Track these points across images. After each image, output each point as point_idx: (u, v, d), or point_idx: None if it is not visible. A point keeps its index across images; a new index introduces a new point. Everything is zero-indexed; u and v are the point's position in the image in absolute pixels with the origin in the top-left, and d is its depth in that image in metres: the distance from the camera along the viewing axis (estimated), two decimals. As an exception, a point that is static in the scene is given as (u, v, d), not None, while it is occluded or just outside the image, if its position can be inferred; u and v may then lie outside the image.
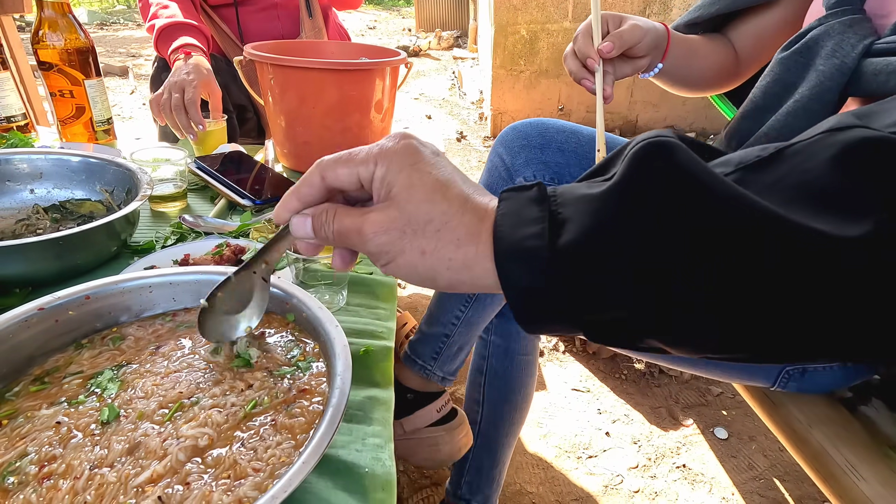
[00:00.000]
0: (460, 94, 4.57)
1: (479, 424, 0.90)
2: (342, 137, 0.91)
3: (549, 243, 0.25)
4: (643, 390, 1.46)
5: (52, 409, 0.37)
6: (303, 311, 0.45)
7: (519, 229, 0.26)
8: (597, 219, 0.24)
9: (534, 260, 0.25)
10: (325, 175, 0.30)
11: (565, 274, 0.24)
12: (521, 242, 0.26)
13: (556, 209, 0.26)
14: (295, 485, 0.29)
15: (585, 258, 0.24)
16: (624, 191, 0.24)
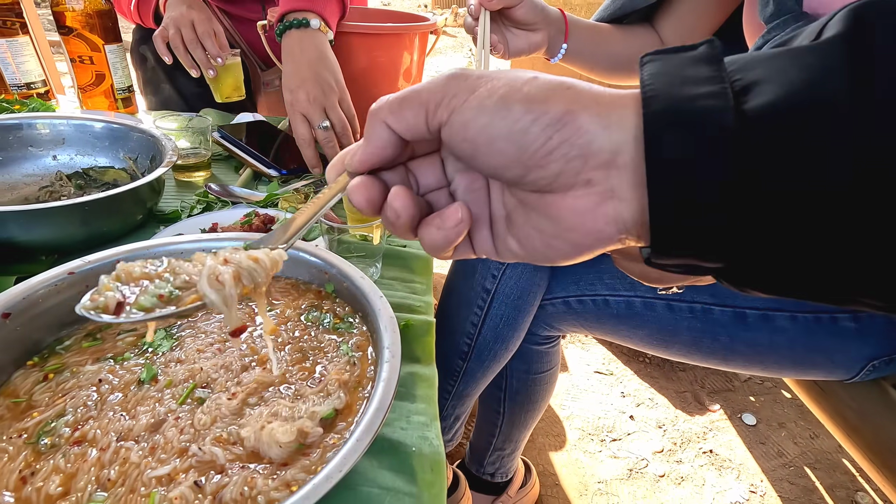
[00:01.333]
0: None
1: (500, 427, 0.89)
2: (368, 106, 0.88)
3: (734, 105, 0.18)
4: (667, 374, 1.43)
5: (97, 366, 0.36)
6: (343, 281, 0.42)
7: (683, 88, 0.19)
8: (813, 73, 0.18)
9: (709, 125, 0.18)
10: (389, 122, 0.24)
11: (759, 145, 0.18)
12: (690, 103, 0.19)
13: (736, 75, 0.19)
14: (350, 464, 0.27)
15: (792, 124, 0.18)
16: (851, 40, 0.18)
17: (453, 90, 0.22)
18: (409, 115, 0.23)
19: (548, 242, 0.24)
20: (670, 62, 0.21)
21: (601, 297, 0.71)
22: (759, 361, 0.69)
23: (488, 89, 0.22)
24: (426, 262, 0.61)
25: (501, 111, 0.21)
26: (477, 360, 0.75)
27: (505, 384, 0.85)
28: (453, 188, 0.27)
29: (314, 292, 0.44)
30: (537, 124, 0.21)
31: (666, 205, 0.19)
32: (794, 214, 0.18)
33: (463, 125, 0.22)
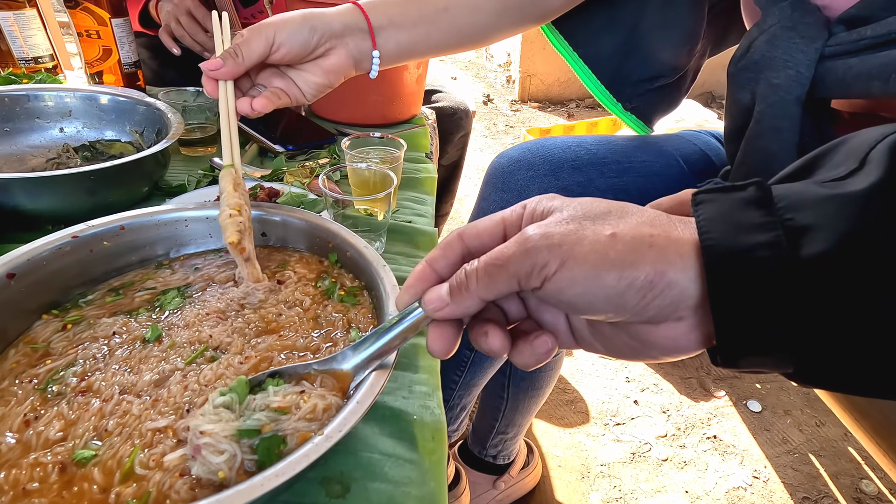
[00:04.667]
0: (487, 56, 4.42)
1: (503, 411, 0.89)
2: (377, 84, 0.87)
3: (788, 254, 0.21)
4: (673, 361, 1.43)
5: (112, 319, 0.37)
6: (347, 250, 0.42)
7: (739, 237, 0.21)
8: (858, 224, 0.20)
9: (765, 273, 0.21)
10: (483, 296, 0.25)
11: (812, 291, 0.20)
12: (747, 253, 0.21)
13: (786, 215, 0.21)
14: (350, 425, 0.27)
15: (843, 272, 0.20)
16: (892, 189, 0.20)
17: (541, 261, 0.23)
18: (501, 286, 0.25)
19: (636, 354, 0.26)
20: (723, 204, 0.23)
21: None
22: None
23: (575, 257, 0.23)
24: (431, 237, 0.61)
25: (596, 280, 0.23)
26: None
27: (509, 370, 0.85)
28: (524, 296, 0.28)
29: (317, 262, 0.44)
30: (632, 289, 0.23)
31: (734, 345, 0.22)
32: (849, 351, 0.21)
33: (559, 291, 0.23)
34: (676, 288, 0.23)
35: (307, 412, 0.28)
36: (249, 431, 0.27)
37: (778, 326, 0.21)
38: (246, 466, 0.26)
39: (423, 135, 0.88)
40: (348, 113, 0.91)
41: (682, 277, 0.22)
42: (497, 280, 0.24)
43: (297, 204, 0.59)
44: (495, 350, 0.26)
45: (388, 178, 0.55)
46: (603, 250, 0.23)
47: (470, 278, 0.25)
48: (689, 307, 0.23)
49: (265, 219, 0.45)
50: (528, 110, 3.33)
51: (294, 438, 0.27)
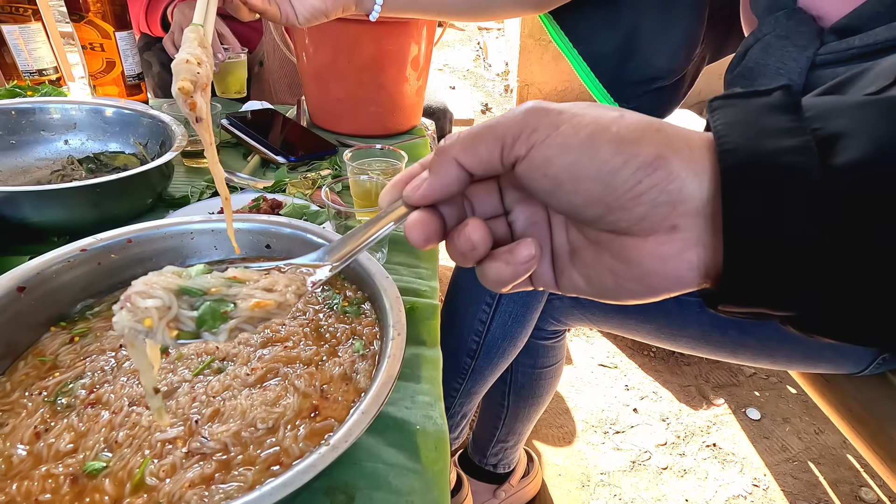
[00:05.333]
0: (485, 65, 4.46)
1: (504, 419, 0.89)
2: (377, 95, 0.88)
3: (819, 160, 0.18)
4: (672, 368, 1.43)
5: None
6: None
7: (762, 141, 0.19)
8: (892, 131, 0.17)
9: (794, 182, 0.18)
10: (460, 159, 0.23)
11: (848, 203, 0.17)
12: (771, 158, 0.18)
13: (815, 124, 0.19)
14: (356, 435, 0.28)
15: (885, 184, 0.17)
16: None
17: (533, 124, 0.21)
18: (482, 150, 0.22)
19: (621, 284, 0.23)
20: (745, 109, 0.20)
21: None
22: (768, 355, 0.69)
23: (573, 126, 0.21)
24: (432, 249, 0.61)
25: (589, 150, 0.20)
26: (485, 358, 0.75)
27: (510, 378, 0.85)
28: (512, 218, 0.26)
29: (321, 273, 0.45)
30: (628, 167, 0.20)
31: (746, 266, 0.19)
32: (881, 273, 0.18)
33: (545, 161, 0.21)
34: (677, 182, 0.20)
35: (266, 284, 0.25)
36: (193, 290, 0.24)
37: (804, 245, 0.18)
38: (181, 323, 0.23)
39: (423, 146, 0.89)
40: (349, 124, 0.92)
41: (687, 171, 0.20)
42: (479, 141, 0.22)
43: (299, 215, 0.60)
44: (475, 241, 0.23)
45: (390, 190, 0.55)
46: (606, 124, 0.21)
47: (451, 142, 0.23)
48: (687, 212, 0.20)
49: (270, 231, 0.45)
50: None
51: (247, 303, 0.24)
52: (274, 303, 0.24)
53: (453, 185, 0.23)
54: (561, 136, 0.21)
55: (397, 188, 0.26)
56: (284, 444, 0.30)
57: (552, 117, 0.21)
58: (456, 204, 0.25)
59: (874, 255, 0.17)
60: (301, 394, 0.32)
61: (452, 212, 0.25)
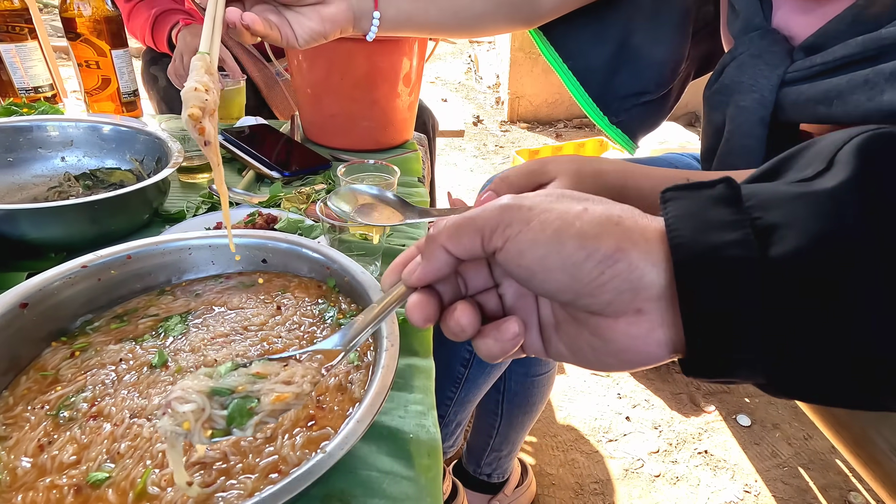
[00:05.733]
0: (476, 78, 4.51)
1: (498, 428, 0.90)
2: (370, 111, 0.90)
3: (759, 254, 0.20)
4: (663, 376, 1.45)
5: (119, 346, 0.39)
6: (345, 276, 0.44)
7: (708, 235, 0.21)
8: (829, 223, 0.20)
9: (736, 274, 0.20)
10: (447, 246, 0.25)
11: (785, 293, 0.19)
12: (716, 252, 0.20)
13: (755, 214, 0.21)
14: (351, 443, 0.29)
15: (815, 272, 0.19)
16: (862, 187, 0.20)
17: (507, 220, 0.24)
18: (465, 240, 0.25)
19: (599, 358, 0.25)
20: (692, 201, 0.22)
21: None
22: None
23: (541, 222, 0.23)
24: (424, 260, 0.63)
25: (556, 245, 0.22)
26: (479, 367, 0.76)
27: (504, 386, 0.86)
28: (502, 291, 0.28)
29: (315, 286, 0.46)
30: (590, 260, 0.22)
31: (703, 351, 0.21)
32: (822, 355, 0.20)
33: (518, 254, 0.23)
34: (637, 272, 0.22)
35: (285, 377, 0.28)
36: (222, 390, 0.27)
37: (750, 328, 0.20)
38: (214, 422, 0.26)
39: (415, 160, 0.91)
40: (342, 139, 0.93)
41: (644, 262, 0.22)
42: (463, 232, 0.24)
43: (294, 230, 0.61)
44: (463, 325, 0.26)
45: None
46: (570, 220, 0.23)
47: (438, 231, 0.25)
48: (649, 298, 0.22)
49: (266, 246, 0.47)
50: (518, 131, 3.39)
51: (268, 398, 0.27)
52: (292, 394, 0.27)
53: (444, 268, 0.26)
54: (531, 231, 0.23)
55: (396, 272, 0.28)
56: (282, 453, 0.31)
57: (524, 213, 0.24)
58: (450, 281, 0.28)
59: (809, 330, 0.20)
60: (298, 404, 0.34)
61: (447, 288, 0.28)
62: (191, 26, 1.08)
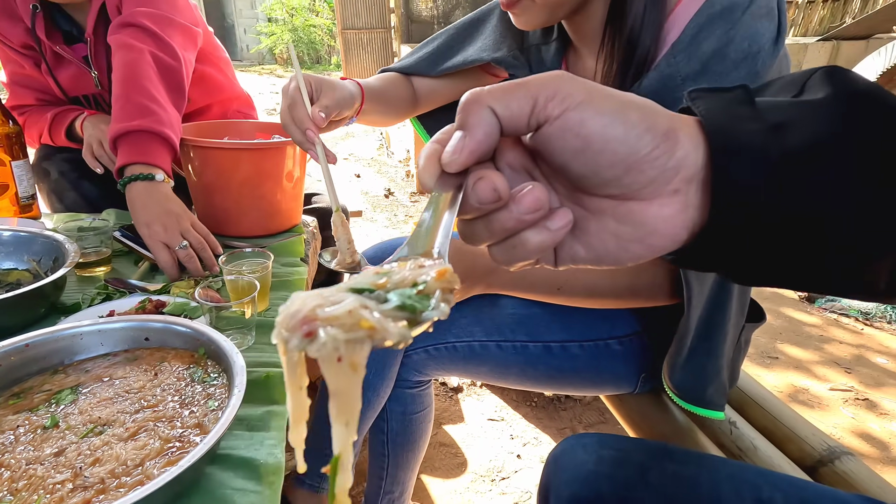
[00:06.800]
0: (388, 153, 4.84)
1: (387, 469, 1.02)
2: (258, 203, 1.05)
3: (777, 143, 0.23)
4: (551, 414, 1.63)
5: (16, 416, 0.48)
6: (211, 345, 0.57)
7: (737, 125, 0.24)
8: (820, 125, 0.23)
9: (760, 157, 0.23)
10: (495, 107, 0.24)
11: (793, 175, 0.23)
12: (746, 137, 0.23)
13: (766, 114, 0.24)
14: (198, 456, 0.42)
15: (815, 162, 0.23)
16: (839, 99, 0.24)
17: (567, 88, 0.23)
18: (514, 103, 0.24)
19: (624, 246, 0.26)
20: (718, 100, 0.25)
21: (451, 344, 0.90)
22: (569, 383, 0.90)
23: (602, 94, 0.24)
24: (293, 327, 0.77)
25: (621, 115, 0.23)
26: None
27: (387, 427, 0.99)
28: None
29: (189, 355, 0.59)
30: (650, 132, 0.24)
31: (724, 210, 0.24)
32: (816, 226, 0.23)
33: (579, 122, 0.23)
34: (682, 150, 0.24)
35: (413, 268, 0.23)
36: (361, 289, 0.22)
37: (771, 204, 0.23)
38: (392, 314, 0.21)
39: (298, 242, 1.07)
40: (234, 228, 1.07)
41: (689, 143, 0.24)
42: (513, 95, 0.23)
43: (180, 312, 0.73)
44: (498, 186, 0.24)
45: (253, 286, 0.71)
46: (628, 97, 0.24)
47: (481, 93, 0.24)
48: (686, 178, 0.24)
49: (145, 327, 0.59)
50: (426, 200, 3.67)
51: (429, 275, 0.22)
52: (450, 270, 0.23)
53: (492, 135, 0.24)
54: (595, 100, 0.24)
55: (433, 161, 0.26)
56: (148, 472, 0.42)
57: (582, 84, 0.24)
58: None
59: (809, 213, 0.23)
60: (163, 438, 0.46)
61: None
62: (96, 115, 1.18)
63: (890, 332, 2.08)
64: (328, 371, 0.20)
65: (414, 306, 0.21)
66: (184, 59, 1.06)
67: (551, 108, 0.24)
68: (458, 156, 0.24)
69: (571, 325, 0.86)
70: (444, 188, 0.26)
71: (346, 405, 0.21)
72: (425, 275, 0.22)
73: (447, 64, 0.94)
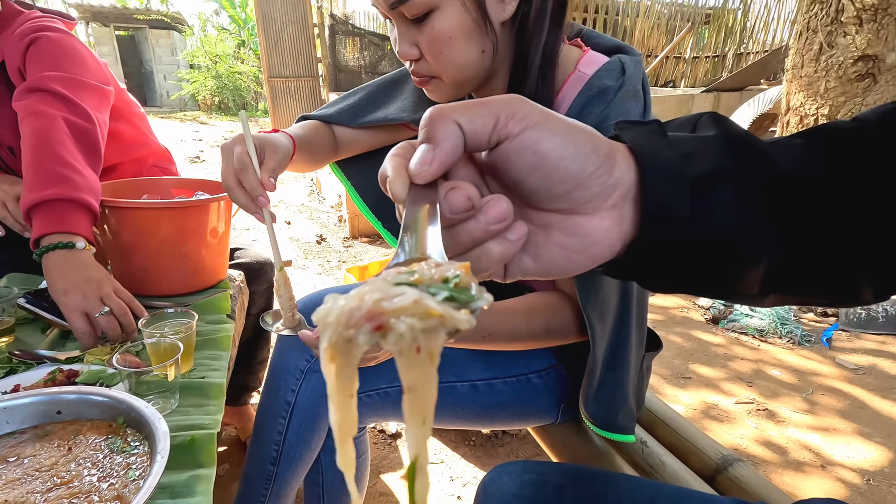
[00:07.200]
0: (319, 198, 4.82)
1: None
2: (180, 262, 1.04)
3: (688, 168, 0.28)
4: (489, 452, 1.66)
5: None
6: (131, 412, 0.57)
7: (658, 151, 0.28)
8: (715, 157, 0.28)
9: (680, 180, 0.27)
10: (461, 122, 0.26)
11: (701, 196, 0.27)
12: (666, 162, 0.28)
13: (677, 144, 0.29)
14: (117, 530, 0.42)
15: (716, 186, 0.28)
16: (725, 137, 0.29)
17: (525, 110, 0.26)
18: (478, 120, 0.26)
19: (569, 257, 0.29)
20: (640, 132, 0.30)
21: (382, 390, 0.92)
22: (497, 418, 0.95)
23: (554, 117, 0.27)
24: (219, 388, 0.76)
25: (572, 136, 0.27)
26: (286, 464, 0.88)
27: (322, 479, 0.97)
28: None
29: (106, 426, 0.57)
30: (595, 153, 0.27)
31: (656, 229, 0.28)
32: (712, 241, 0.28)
33: (537, 140, 0.26)
34: (619, 170, 0.28)
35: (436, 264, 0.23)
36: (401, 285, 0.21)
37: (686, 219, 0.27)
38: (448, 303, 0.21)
39: (223, 298, 1.06)
40: (155, 287, 1.04)
41: (623, 163, 0.28)
42: (477, 111, 0.25)
43: (95, 380, 0.71)
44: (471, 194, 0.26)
45: (176, 347, 0.71)
46: (574, 122, 0.28)
47: (446, 107, 0.26)
48: (622, 195, 0.28)
49: (57, 399, 0.57)
50: (360, 245, 3.68)
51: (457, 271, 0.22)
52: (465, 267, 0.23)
53: (458, 148, 0.26)
54: (549, 122, 0.27)
55: (403, 172, 0.26)
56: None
57: (537, 107, 0.27)
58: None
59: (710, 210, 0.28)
60: (79, 516, 0.45)
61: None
62: (5, 175, 1.12)
63: (782, 346, 2.34)
64: (405, 365, 0.20)
65: (460, 297, 0.21)
66: (98, 121, 1.05)
67: (511, 126, 0.26)
68: (428, 167, 0.26)
69: (494, 364, 0.91)
70: (415, 201, 0.26)
71: (423, 400, 0.21)
72: (449, 272, 0.22)
73: (368, 118, 1.01)
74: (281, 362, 0.91)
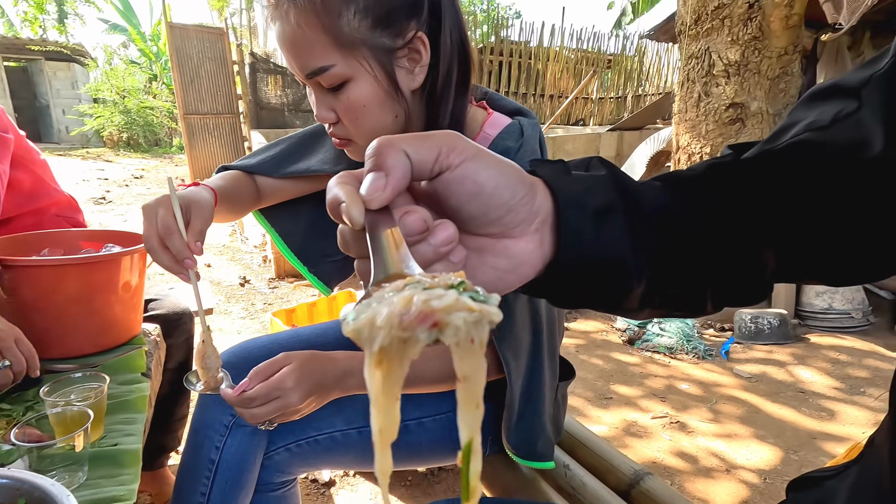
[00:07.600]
0: (242, 239, 4.64)
1: None
2: (88, 320, 0.97)
3: (588, 201, 0.32)
4: (426, 490, 1.65)
5: None
6: (34, 491, 0.53)
7: (567, 185, 0.33)
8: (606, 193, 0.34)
9: (585, 209, 0.32)
10: (408, 151, 0.28)
11: (600, 225, 0.32)
12: (573, 195, 0.32)
13: (579, 180, 0.33)
14: None
15: (610, 217, 0.33)
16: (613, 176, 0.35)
17: (462, 144, 0.30)
18: (423, 150, 0.29)
19: (501, 277, 0.33)
20: (551, 170, 0.34)
21: (312, 438, 0.91)
22: (429, 455, 0.97)
23: (487, 152, 0.31)
24: (135, 454, 0.73)
25: (501, 169, 0.31)
26: (219, 493, 0.84)
27: None
28: None
29: (5, 510, 0.53)
30: (521, 184, 0.31)
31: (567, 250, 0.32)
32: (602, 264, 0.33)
33: (475, 170, 0.30)
34: (539, 199, 0.32)
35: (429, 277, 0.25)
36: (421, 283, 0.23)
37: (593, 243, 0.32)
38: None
39: (138, 356, 1.00)
40: (59, 349, 0.96)
41: (542, 193, 0.32)
42: (423, 142, 0.28)
43: (-12, 459, 0.65)
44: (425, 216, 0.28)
45: (85, 415, 0.67)
46: (500, 157, 0.31)
47: (393, 138, 0.28)
48: (542, 220, 0.32)
49: (-52, 486, 0.52)
50: (286, 286, 3.57)
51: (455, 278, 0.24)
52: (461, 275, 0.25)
53: (407, 175, 0.28)
54: (483, 157, 0.31)
55: (358, 198, 0.28)
56: None
57: (471, 143, 0.31)
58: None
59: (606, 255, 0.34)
60: None
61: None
62: None
63: (688, 361, 2.57)
64: (461, 356, 0.22)
65: (477, 298, 0.23)
66: None
67: (452, 158, 0.29)
68: (381, 192, 0.27)
69: (424, 403, 0.94)
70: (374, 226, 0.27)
71: (476, 387, 0.23)
72: (450, 279, 0.23)
73: (291, 168, 1.03)
74: (203, 418, 0.88)
